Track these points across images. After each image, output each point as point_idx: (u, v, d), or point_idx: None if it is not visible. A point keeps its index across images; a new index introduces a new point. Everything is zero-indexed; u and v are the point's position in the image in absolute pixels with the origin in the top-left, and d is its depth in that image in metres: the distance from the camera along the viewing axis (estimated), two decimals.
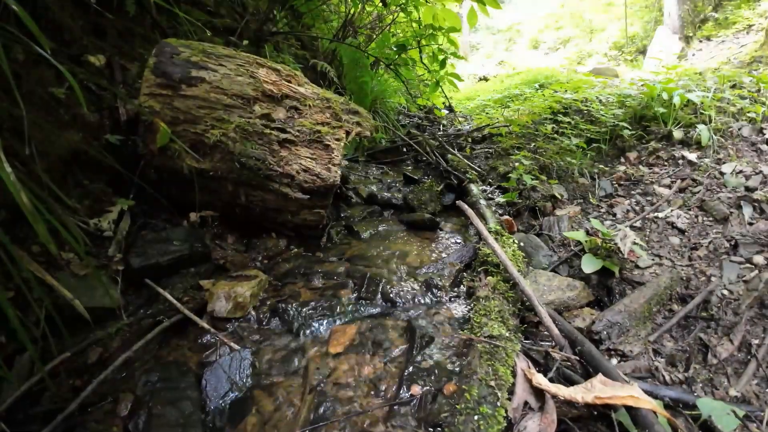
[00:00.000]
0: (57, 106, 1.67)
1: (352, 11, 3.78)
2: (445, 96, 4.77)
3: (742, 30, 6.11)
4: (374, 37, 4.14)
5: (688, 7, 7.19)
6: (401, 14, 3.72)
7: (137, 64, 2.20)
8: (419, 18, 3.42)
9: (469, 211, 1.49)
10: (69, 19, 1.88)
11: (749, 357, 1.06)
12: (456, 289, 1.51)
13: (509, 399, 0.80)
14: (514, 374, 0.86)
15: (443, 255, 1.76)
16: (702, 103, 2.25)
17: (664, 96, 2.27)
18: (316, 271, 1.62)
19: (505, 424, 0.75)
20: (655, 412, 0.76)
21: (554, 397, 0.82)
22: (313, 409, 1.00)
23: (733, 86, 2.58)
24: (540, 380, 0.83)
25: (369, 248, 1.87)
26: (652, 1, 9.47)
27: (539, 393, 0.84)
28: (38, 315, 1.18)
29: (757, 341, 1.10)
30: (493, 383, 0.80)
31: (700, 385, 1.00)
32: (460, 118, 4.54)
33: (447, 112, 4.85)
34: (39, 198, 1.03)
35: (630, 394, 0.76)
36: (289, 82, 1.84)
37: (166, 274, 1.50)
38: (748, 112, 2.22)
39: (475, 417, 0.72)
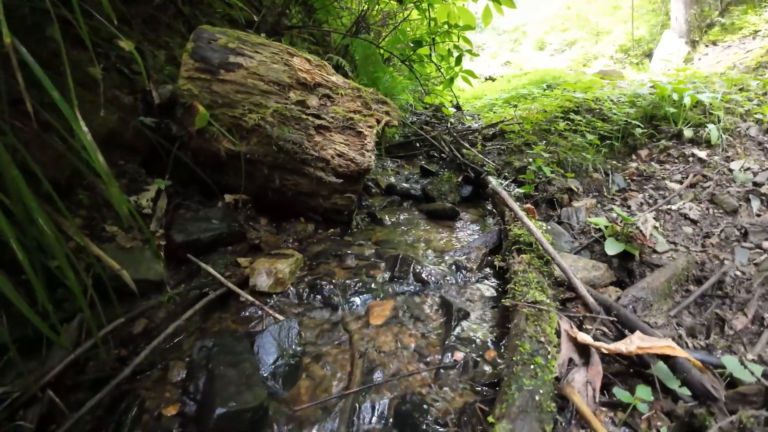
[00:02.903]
0: (94, 87, 1.71)
1: (365, 7, 3.85)
2: (454, 94, 4.86)
3: (748, 35, 6.16)
4: (384, 33, 4.21)
5: (695, 11, 7.29)
6: (414, 11, 3.79)
7: (164, 52, 2.25)
8: (430, 15, 3.49)
9: (503, 193, 1.57)
10: (98, 4, 1.92)
11: (762, 328, 1.16)
12: (483, 270, 1.59)
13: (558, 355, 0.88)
14: (558, 335, 0.94)
15: (467, 240, 1.84)
16: (711, 104, 2.35)
17: (675, 96, 2.37)
18: (347, 253, 1.69)
19: (556, 374, 0.83)
20: (689, 361, 0.84)
21: (597, 351, 0.90)
22: (364, 372, 1.07)
23: (741, 89, 2.70)
24: (585, 337, 0.91)
25: (393, 234, 1.94)
26: (659, 5, 9.58)
27: (582, 350, 0.91)
28: (86, 283, 1.22)
29: None
30: (542, 339, 0.87)
31: (720, 351, 1.09)
32: (467, 117, 4.63)
33: (454, 110, 4.93)
34: None
35: (668, 344, 0.85)
36: (320, 71, 1.90)
37: (205, 251, 1.55)
38: (756, 114, 2.33)
39: (531, 366, 0.79)
